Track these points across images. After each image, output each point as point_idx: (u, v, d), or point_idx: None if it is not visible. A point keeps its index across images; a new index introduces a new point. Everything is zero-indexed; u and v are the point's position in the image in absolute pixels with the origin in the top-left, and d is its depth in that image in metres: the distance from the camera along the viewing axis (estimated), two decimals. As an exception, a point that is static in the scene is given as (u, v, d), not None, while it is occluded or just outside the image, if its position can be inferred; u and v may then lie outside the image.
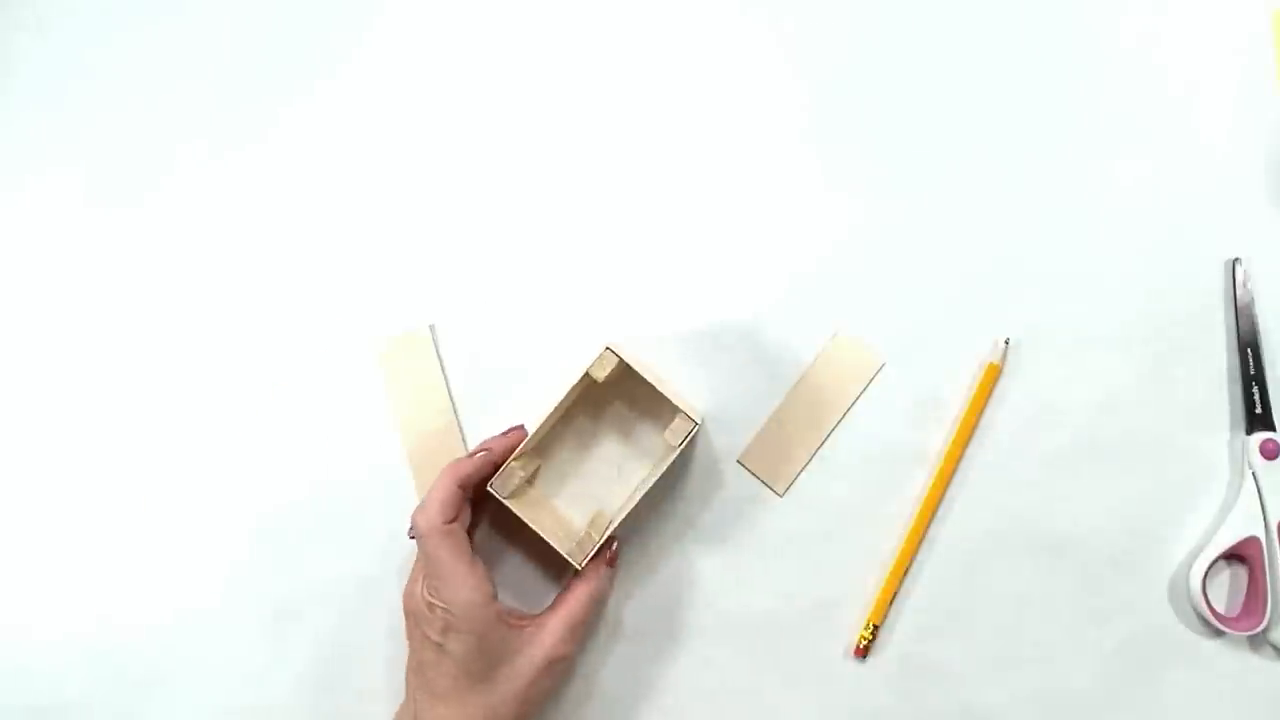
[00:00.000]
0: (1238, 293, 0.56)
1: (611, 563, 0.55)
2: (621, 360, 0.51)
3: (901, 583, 0.55)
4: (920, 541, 0.55)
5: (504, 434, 0.55)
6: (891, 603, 0.55)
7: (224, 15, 0.61)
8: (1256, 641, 0.55)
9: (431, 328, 0.58)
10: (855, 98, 0.59)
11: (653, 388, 0.52)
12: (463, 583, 0.49)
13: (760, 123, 0.59)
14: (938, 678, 0.55)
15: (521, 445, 0.52)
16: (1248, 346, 0.55)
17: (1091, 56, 0.58)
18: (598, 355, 0.51)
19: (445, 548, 0.50)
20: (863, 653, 0.55)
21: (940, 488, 0.55)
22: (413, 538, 0.54)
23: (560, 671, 0.53)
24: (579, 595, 0.53)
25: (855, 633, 0.55)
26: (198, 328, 0.59)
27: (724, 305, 0.58)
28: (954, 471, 0.56)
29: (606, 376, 0.51)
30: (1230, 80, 0.57)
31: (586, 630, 0.55)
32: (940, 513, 0.56)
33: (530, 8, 0.60)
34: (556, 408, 0.52)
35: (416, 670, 0.51)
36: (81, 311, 0.60)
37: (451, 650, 0.49)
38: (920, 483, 0.56)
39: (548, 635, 0.51)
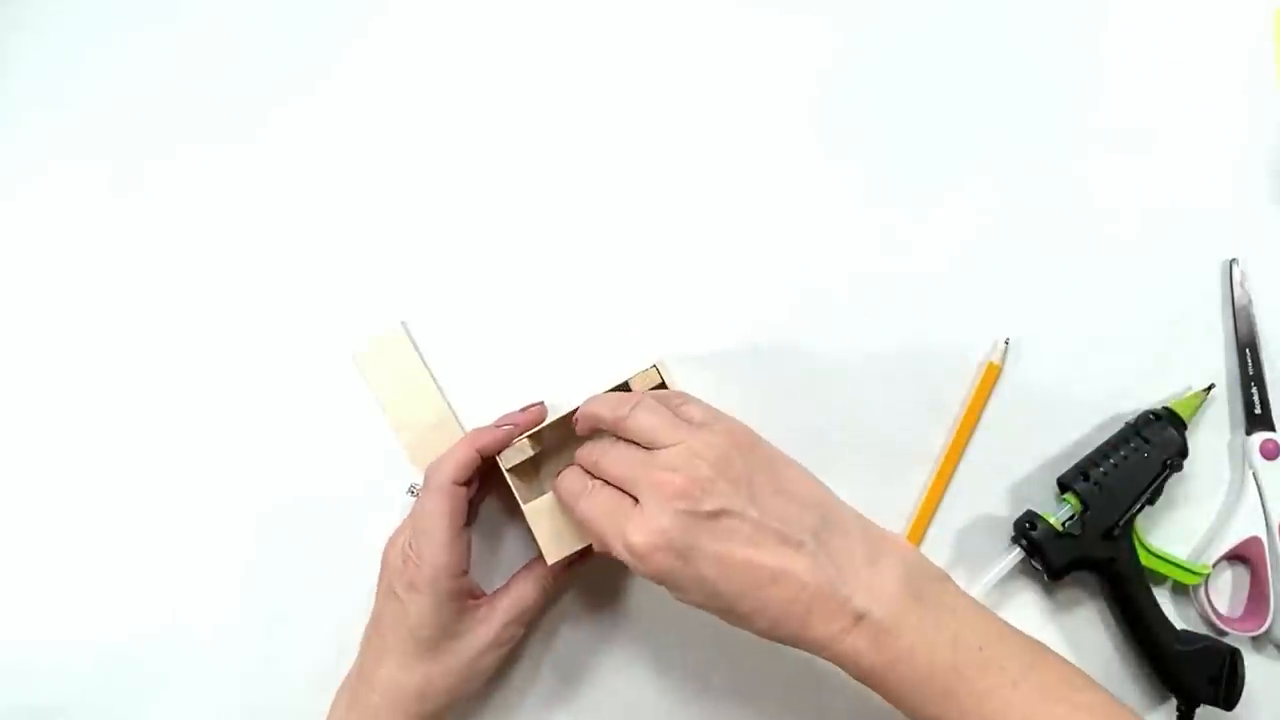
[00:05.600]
0: (1235, 293, 0.56)
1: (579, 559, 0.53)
2: (662, 381, 0.51)
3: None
4: (920, 541, 0.55)
5: (524, 410, 0.55)
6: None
7: (199, 24, 0.61)
8: (1259, 642, 0.54)
9: (403, 324, 0.58)
10: (856, 99, 0.59)
11: None
12: (444, 546, 0.49)
13: (759, 122, 0.59)
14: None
15: (539, 426, 0.52)
16: (1246, 347, 0.55)
17: (1091, 57, 0.58)
18: (644, 369, 0.51)
19: (444, 506, 0.50)
20: (864, 654, 0.55)
21: (940, 487, 0.55)
22: (412, 494, 0.54)
23: (503, 654, 0.53)
24: (532, 584, 0.53)
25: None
26: (193, 330, 0.60)
27: (723, 305, 0.58)
28: (954, 471, 0.56)
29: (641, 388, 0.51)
30: (1231, 80, 0.57)
31: (539, 617, 0.56)
32: (941, 513, 0.56)
33: (518, 7, 0.60)
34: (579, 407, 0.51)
35: (374, 623, 0.52)
36: (79, 314, 0.60)
37: (410, 609, 0.50)
38: (920, 483, 0.56)
39: (497, 619, 0.52)
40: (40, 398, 0.60)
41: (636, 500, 0.44)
